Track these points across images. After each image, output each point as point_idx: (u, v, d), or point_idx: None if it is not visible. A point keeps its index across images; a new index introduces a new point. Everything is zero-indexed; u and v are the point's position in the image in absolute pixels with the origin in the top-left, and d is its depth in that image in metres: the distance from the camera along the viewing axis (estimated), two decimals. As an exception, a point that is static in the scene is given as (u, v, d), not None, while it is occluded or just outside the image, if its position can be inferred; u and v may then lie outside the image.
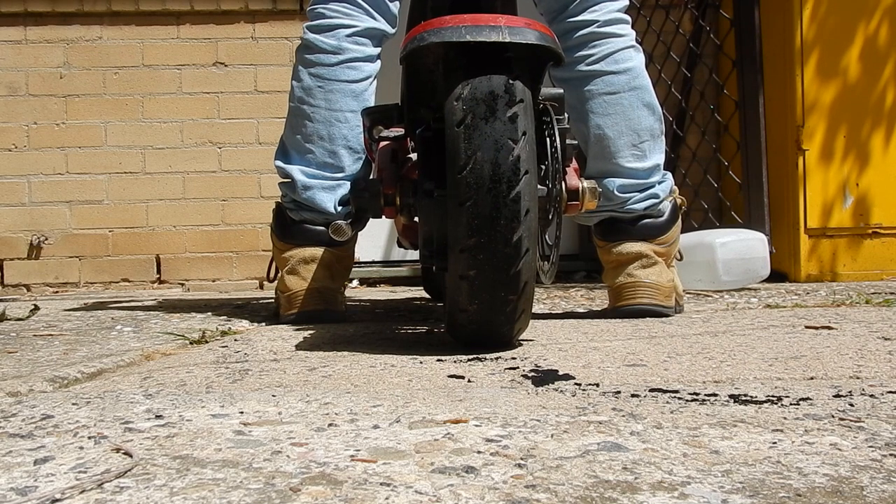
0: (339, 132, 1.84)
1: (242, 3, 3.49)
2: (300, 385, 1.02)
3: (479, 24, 1.18)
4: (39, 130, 3.46)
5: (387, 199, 1.39)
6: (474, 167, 1.15)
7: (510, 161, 1.15)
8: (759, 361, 1.15)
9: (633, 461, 0.66)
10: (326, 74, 1.82)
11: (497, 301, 1.20)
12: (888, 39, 3.09)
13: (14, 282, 3.45)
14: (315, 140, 1.83)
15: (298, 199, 1.83)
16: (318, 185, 1.83)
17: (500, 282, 1.18)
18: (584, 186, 1.37)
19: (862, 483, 0.60)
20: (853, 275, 3.08)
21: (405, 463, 0.66)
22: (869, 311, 1.83)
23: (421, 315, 2.04)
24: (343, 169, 1.84)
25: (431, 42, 1.20)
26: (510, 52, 1.21)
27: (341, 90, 1.83)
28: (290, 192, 1.85)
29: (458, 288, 1.21)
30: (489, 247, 1.16)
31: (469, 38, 1.18)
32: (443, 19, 1.21)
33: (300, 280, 1.81)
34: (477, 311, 1.22)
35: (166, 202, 3.50)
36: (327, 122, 1.83)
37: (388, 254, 3.76)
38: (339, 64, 1.82)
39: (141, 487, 0.61)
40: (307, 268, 1.82)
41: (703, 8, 3.48)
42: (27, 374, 1.11)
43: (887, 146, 3.11)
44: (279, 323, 1.82)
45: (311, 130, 1.83)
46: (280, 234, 1.88)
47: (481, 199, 1.15)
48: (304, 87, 1.84)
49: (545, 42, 1.21)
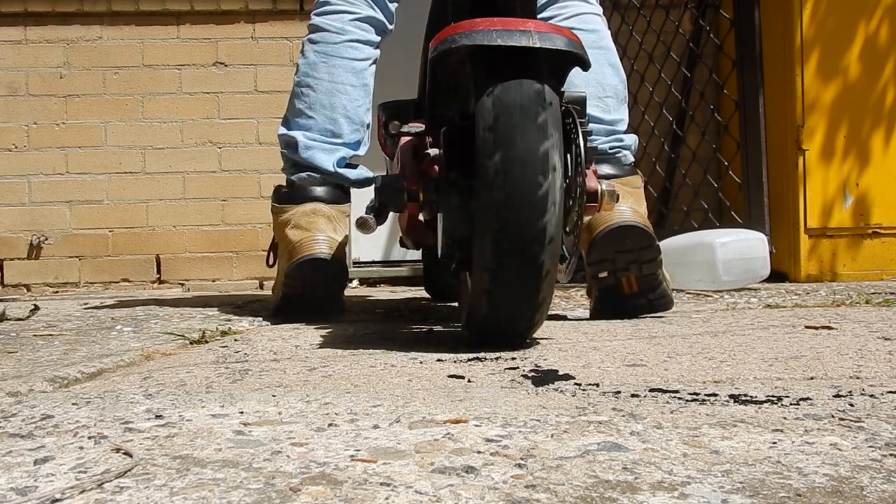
0: (340, 102, 1.95)
1: (242, 3, 3.49)
2: (300, 385, 1.02)
3: (510, 29, 1.21)
4: (39, 130, 3.46)
5: (410, 195, 1.41)
6: (504, 168, 1.17)
7: (540, 163, 1.17)
8: (759, 361, 1.15)
9: (633, 461, 0.66)
10: (330, 52, 1.96)
11: (521, 294, 1.22)
12: (888, 39, 3.09)
13: (14, 282, 3.45)
14: (317, 108, 1.94)
15: (299, 160, 1.93)
16: (318, 146, 1.93)
17: (525, 276, 1.20)
18: (603, 189, 1.38)
19: (862, 483, 0.60)
20: (853, 275, 3.08)
21: (405, 463, 0.66)
22: (869, 311, 1.83)
23: (421, 315, 2.04)
24: (341, 136, 1.94)
25: (462, 45, 1.22)
26: (538, 56, 1.23)
27: (343, 66, 1.95)
28: (291, 153, 1.95)
29: (482, 282, 1.22)
30: (516, 241, 1.18)
31: (500, 42, 1.20)
32: (473, 22, 1.23)
33: (303, 231, 1.87)
34: (499, 306, 1.23)
35: (166, 202, 3.49)
36: (329, 92, 1.95)
37: (388, 254, 3.76)
38: (342, 43, 1.96)
39: (141, 487, 0.61)
40: (309, 220, 1.89)
41: (703, 8, 3.48)
42: (27, 374, 1.11)
43: (887, 146, 3.11)
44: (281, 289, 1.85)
45: (314, 100, 1.95)
46: (279, 200, 1.96)
47: (510, 199, 1.17)
48: (309, 63, 1.97)
49: (573, 48, 1.24)
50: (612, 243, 1.73)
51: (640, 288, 1.77)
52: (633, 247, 1.74)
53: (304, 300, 1.88)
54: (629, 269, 1.75)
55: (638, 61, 3.52)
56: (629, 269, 1.75)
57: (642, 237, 1.74)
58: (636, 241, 1.73)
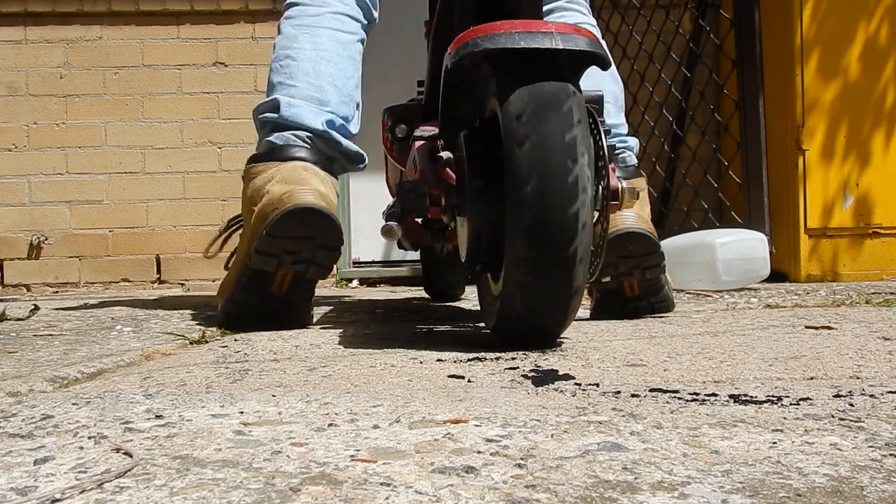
0: (325, 69, 1.71)
1: (242, 3, 3.49)
2: (300, 385, 1.02)
3: (532, 31, 1.22)
4: (39, 130, 3.46)
5: (432, 199, 1.41)
6: (534, 155, 1.18)
7: (568, 147, 1.18)
8: (759, 361, 1.15)
9: (633, 461, 0.66)
10: (311, 23, 1.76)
11: (556, 282, 1.22)
12: (888, 39, 3.09)
13: (14, 282, 3.45)
14: (299, 76, 1.70)
15: (281, 120, 1.67)
16: (303, 105, 1.69)
17: (560, 262, 1.20)
18: (623, 187, 1.38)
19: (862, 483, 0.60)
20: (853, 275, 3.08)
21: (405, 463, 0.66)
22: (869, 311, 1.83)
23: (421, 315, 2.04)
24: (328, 103, 1.71)
25: (486, 48, 1.23)
26: (561, 56, 1.24)
27: (327, 35, 1.74)
28: (272, 115, 1.69)
29: (516, 275, 1.22)
30: (550, 227, 1.18)
31: (523, 44, 1.21)
32: (494, 25, 1.24)
33: (290, 184, 1.55)
34: (535, 296, 1.23)
35: (166, 202, 3.50)
36: (312, 60, 1.71)
37: (388, 254, 3.76)
38: (324, 14, 1.77)
39: (141, 487, 0.61)
40: (298, 175, 1.58)
41: (703, 8, 3.48)
42: (27, 374, 1.11)
43: (888, 146, 3.11)
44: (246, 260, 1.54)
45: (295, 69, 1.71)
46: (255, 159, 1.66)
47: (542, 185, 1.18)
48: (288, 37, 1.75)
49: (595, 49, 1.25)
50: (615, 249, 1.70)
51: (642, 291, 1.77)
52: (636, 252, 1.72)
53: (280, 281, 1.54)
54: (632, 274, 1.74)
55: (638, 61, 3.52)
56: (632, 274, 1.74)
57: (646, 244, 1.72)
58: (640, 247, 1.72)
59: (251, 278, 1.58)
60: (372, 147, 2.04)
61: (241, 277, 1.59)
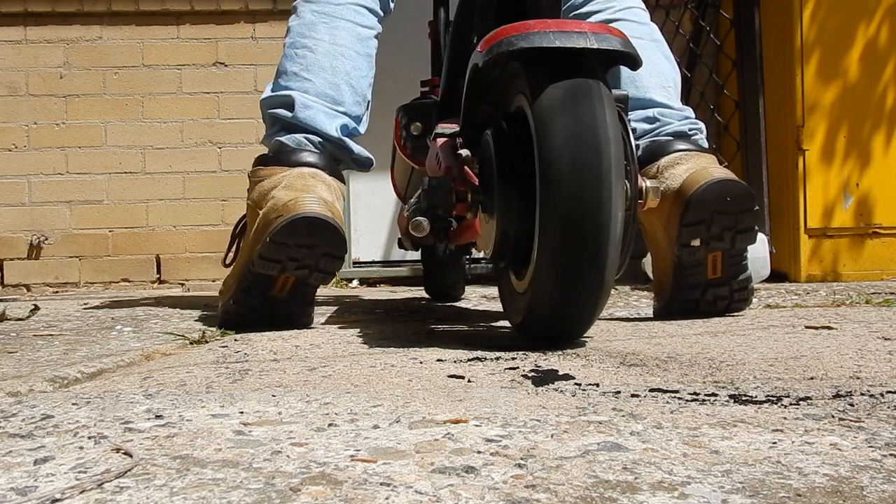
0: (342, 66, 1.69)
1: (242, 3, 3.49)
2: (300, 385, 1.02)
3: (566, 31, 1.24)
4: (39, 130, 3.46)
5: (459, 196, 1.42)
6: (568, 162, 1.19)
7: (601, 128, 1.19)
8: (759, 361, 1.15)
9: (633, 461, 0.66)
10: (332, 12, 1.72)
11: (586, 281, 1.22)
12: (889, 40, 3.09)
13: (14, 282, 3.45)
14: (316, 70, 1.67)
15: (295, 121, 1.65)
16: (318, 106, 1.66)
17: (590, 264, 1.21)
18: (648, 186, 1.38)
19: (862, 483, 0.60)
20: (854, 275, 3.08)
21: (405, 463, 0.66)
22: (869, 311, 1.83)
23: (421, 315, 2.04)
24: (343, 103, 1.68)
25: (521, 47, 1.24)
26: (593, 55, 1.26)
27: (346, 28, 1.71)
28: (284, 114, 1.66)
29: (545, 272, 1.23)
30: (583, 232, 1.19)
31: (559, 43, 1.23)
32: (526, 24, 1.26)
33: (296, 191, 1.54)
34: (564, 295, 1.24)
35: (166, 202, 3.50)
36: (330, 54, 1.68)
37: (388, 254, 3.76)
38: (345, 4, 1.73)
39: (141, 487, 0.61)
40: (305, 182, 1.56)
41: (703, 8, 3.48)
42: (27, 374, 1.11)
43: (888, 146, 3.11)
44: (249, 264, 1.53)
45: (312, 61, 1.68)
46: (263, 162, 1.64)
47: (574, 166, 1.19)
48: (306, 23, 1.71)
49: (627, 48, 1.26)
50: (712, 201, 1.57)
51: (725, 272, 1.66)
52: (733, 208, 1.59)
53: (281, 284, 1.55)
54: (722, 239, 1.60)
55: (638, 61, 3.51)
56: (722, 239, 1.60)
57: (744, 197, 1.59)
58: (737, 201, 1.59)
59: (253, 281, 1.57)
60: (373, 146, 2.04)
61: (242, 280, 1.59)
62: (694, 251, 1.62)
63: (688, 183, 1.61)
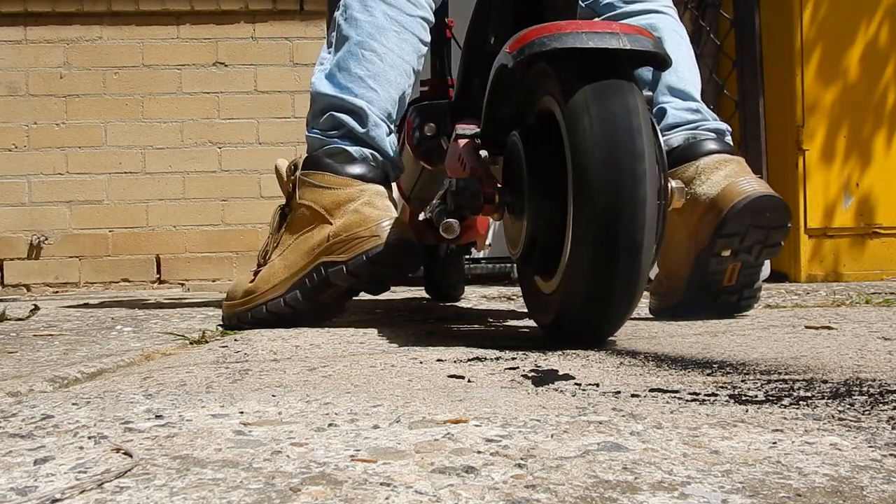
0: (403, 83, 1.68)
1: (242, 3, 3.49)
2: (300, 385, 1.02)
3: (598, 31, 1.24)
4: (39, 130, 3.46)
5: (486, 197, 1.42)
6: (603, 159, 1.19)
7: (633, 114, 1.20)
8: (759, 361, 1.15)
9: (633, 461, 0.66)
10: (404, 23, 1.67)
11: (621, 279, 1.21)
12: (889, 40, 3.09)
13: (14, 282, 3.45)
14: (382, 82, 1.65)
15: (367, 137, 1.65)
16: (384, 126, 1.67)
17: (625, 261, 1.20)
18: (673, 186, 1.38)
19: (862, 483, 0.60)
20: (854, 275, 3.08)
21: (405, 463, 0.66)
22: (869, 311, 1.83)
23: (421, 315, 2.04)
24: (394, 121, 1.70)
25: (554, 48, 1.23)
26: (622, 55, 1.26)
27: (412, 43, 1.68)
28: (356, 126, 1.65)
29: (578, 270, 1.23)
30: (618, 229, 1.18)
31: (592, 44, 1.23)
32: (557, 25, 1.26)
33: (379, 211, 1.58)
34: (599, 292, 1.23)
35: (166, 202, 3.50)
36: (396, 68, 1.66)
37: (388, 254, 3.76)
38: (416, 17, 1.70)
39: (141, 487, 0.61)
40: (384, 202, 1.60)
41: (703, 8, 3.48)
42: (27, 374, 1.11)
43: (888, 146, 3.11)
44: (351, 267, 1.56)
45: (379, 70, 1.64)
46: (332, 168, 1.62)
47: (608, 197, 1.18)
48: (377, 25, 1.65)
49: (658, 49, 1.26)
50: (752, 215, 1.57)
51: (740, 281, 1.67)
52: (769, 223, 1.59)
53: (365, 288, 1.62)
54: (750, 251, 1.62)
55: (638, 61, 3.52)
56: (750, 251, 1.62)
57: (781, 215, 1.60)
58: (775, 218, 1.59)
59: (314, 287, 1.60)
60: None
61: (302, 284, 1.60)
62: (722, 261, 1.63)
63: (727, 194, 1.60)
